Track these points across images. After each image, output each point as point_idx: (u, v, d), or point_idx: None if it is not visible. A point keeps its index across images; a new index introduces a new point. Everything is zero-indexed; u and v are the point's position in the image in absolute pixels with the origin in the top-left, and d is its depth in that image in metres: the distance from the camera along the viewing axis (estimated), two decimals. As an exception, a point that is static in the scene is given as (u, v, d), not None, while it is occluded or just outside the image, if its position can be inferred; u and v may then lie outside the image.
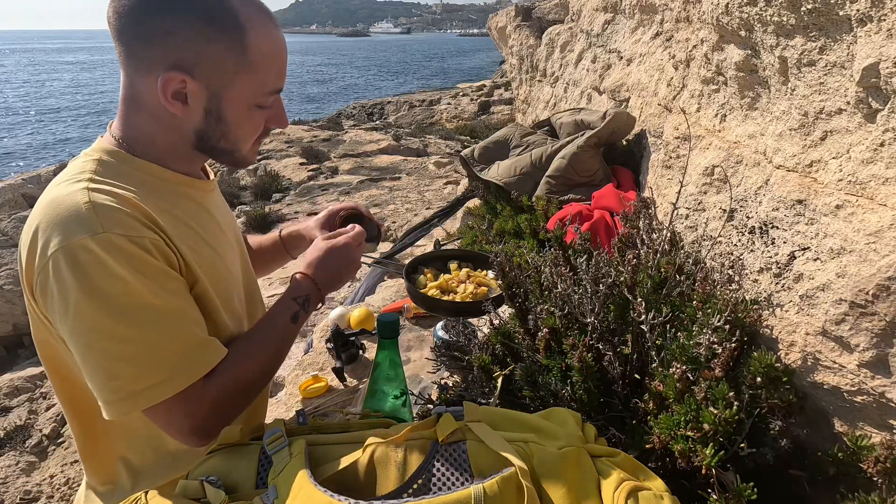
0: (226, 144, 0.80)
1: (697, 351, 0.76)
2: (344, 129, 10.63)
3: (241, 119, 0.78)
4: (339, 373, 1.39)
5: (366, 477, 0.57)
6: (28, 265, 0.70)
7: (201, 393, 0.74)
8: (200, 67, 0.72)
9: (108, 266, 0.67)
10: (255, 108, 0.78)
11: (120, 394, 0.68)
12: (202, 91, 0.73)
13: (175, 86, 0.72)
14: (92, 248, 0.66)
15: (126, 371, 0.68)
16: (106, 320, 0.67)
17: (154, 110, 0.75)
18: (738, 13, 1.01)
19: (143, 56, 0.71)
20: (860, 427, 0.76)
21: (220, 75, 0.73)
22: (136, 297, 0.68)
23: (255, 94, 0.77)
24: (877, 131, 0.72)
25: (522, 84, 5.95)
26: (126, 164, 0.76)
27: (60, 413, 3.15)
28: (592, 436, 0.65)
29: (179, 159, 0.81)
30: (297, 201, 5.91)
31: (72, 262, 0.66)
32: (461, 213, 2.97)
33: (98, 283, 0.66)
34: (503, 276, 1.00)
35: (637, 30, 2.42)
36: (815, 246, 0.81)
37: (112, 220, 0.68)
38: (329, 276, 0.92)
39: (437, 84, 28.76)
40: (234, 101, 0.76)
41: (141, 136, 0.78)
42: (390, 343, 0.94)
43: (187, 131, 0.78)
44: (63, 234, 0.66)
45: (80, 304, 0.66)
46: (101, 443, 0.83)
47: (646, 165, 1.87)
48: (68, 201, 0.69)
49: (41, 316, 0.73)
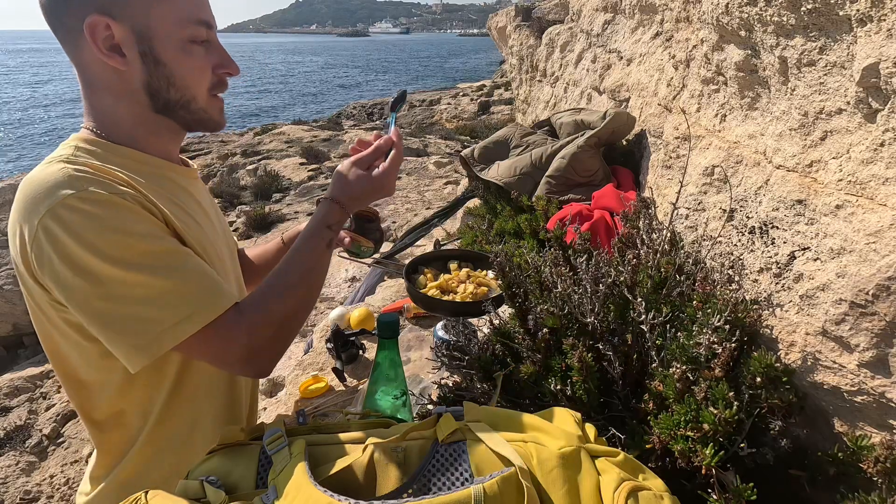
0: (176, 94, 0.79)
1: (697, 351, 0.76)
2: (344, 129, 10.63)
3: (178, 57, 0.77)
4: (339, 373, 1.39)
5: (366, 477, 0.57)
6: (21, 248, 0.70)
7: (234, 324, 0.73)
8: (116, 7, 0.71)
9: (99, 217, 0.67)
10: (189, 44, 0.77)
11: (143, 338, 0.68)
12: (129, 34, 0.73)
13: (102, 31, 0.71)
14: (75, 205, 0.66)
15: (144, 313, 0.68)
16: (109, 271, 0.67)
17: (103, 81, 0.76)
18: (738, 13, 1.01)
19: (69, 24, 0.72)
20: (860, 427, 0.76)
21: (138, 12, 0.72)
22: (132, 245, 0.68)
23: (180, 24, 0.75)
24: (877, 131, 0.72)
25: (522, 84, 5.95)
26: (104, 150, 0.77)
27: (60, 413, 3.15)
28: (592, 436, 0.65)
29: (150, 136, 0.81)
30: (297, 201, 5.91)
31: (61, 223, 0.66)
32: (461, 213, 2.97)
33: (91, 237, 0.66)
34: (503, 276, 1.00)
35: (637, 30, 2.42)
36: (815, 246, 0.81)
37: (91, 182, 0.69)
38: (356, 199, 0.88)
39: (437, 84, 28.77)
40: (162, 36, 0.75)
41: (107, 118, 0.78)
42: (390, 343, 0.94)
43: (138, 91, 0.77)
44: (45, 201, 0.66)
45: (80, 261, 0.66)
46: (109, 434, 0.84)
47: (646, 165, 1.87)
48: (43, 175, 0.69)
49: (42, 301, 0.73)
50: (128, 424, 0.82)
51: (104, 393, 0.80)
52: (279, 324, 0.79)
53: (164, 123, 0.82)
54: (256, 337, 0.75)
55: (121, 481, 0.83)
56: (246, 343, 0.74)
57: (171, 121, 0.82)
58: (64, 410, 3.18)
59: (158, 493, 0.54)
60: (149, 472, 0.83)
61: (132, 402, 0.81)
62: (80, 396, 0.82)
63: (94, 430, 0.84)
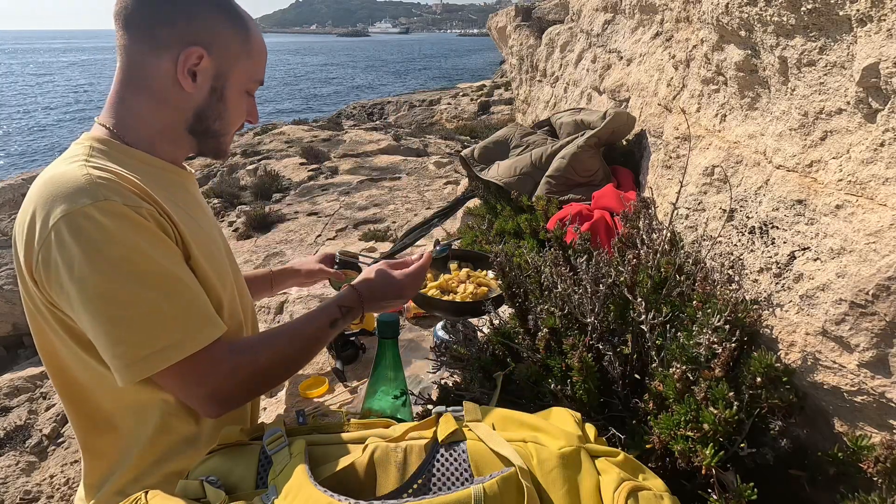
0: (219, 126, 0.90)
1: (697, 351, 0.76)
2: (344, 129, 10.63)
3: (236, 101, 0.89)
4: (339, 373, 1.39)
5: (366, 477, 0.57)
6: (27, 245, 0.71)
7: (216, 362, 0.75)
8: (215, 47, 0.83)
9: (110, 232, 0.69)
10: (244, 95, 0.91)
11: (127, 359, 0.70)
12: (212, 70, 0.84)
13: (193, 60, 0.82)
14: (93, 215, 0.68)
15: (132, 336, 0.70)
16: (110, 285, 0.69)
17: (157, 89, 0.83)
18: (738, 13, 1.01)
19: (162, 37, 0.81)
20: (860, 427, 0.76)
21: (228, 56, 0.85)
22: (138, 263, 0.70)
23: (249, 79, 0.90)
24: (877, 131, 0.72)
25: (522, 84, 5.95)
26: (116, 150, 0.80)
27: (60, 413, 3.15)
28: (592, 436, 0.65)
29: (167, 144, 0.87)
30: (297, 201, 5.90)
31: (74, 230, 0.67)
32: (461, 213, 2.96)
33: (101, 248, 0.68)
34: (503, 276, 1.00)
35: (637, 30, 2.42)
36: (815, 246, 0.81)
37: (111, 189, 0.71)
38: (375, 298, 0.98)
39: (437, 84, 28.76)
40: (235, 82, 0.88)
41: (134, 118, 0.83)
42: (390, 343, 0.94)
43: (186, 110, 0.86)
44: (65, 204, 0.68)
45: (83, 270, 0.68)
46: (101, 438, 0.83)
47: (646, 165, 1.87)
48: (67, 176, 0.71)
49: (40, 302, 0.74)
50: (122, 428, 0.82)
51: (97, 394, 0.80)
52: (261, 373, 0.82)
53: (187, 140, 0.90)
54: (235, 378, 0.78)
55: (118, 489, 0.82)
56: (223, 380, 0.76)
57: (195, 141, 0.91)
58: (64, 410, 3.18)
59: (158, 494, 0.54)
60: (146, 479, 0.82)
61: (127, 405, 0.81)
62: (72, 394, 0.82)
63: (85, 433, 0.83)
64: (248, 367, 0.79)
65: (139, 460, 0.81)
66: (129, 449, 0.82)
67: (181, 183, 0.90)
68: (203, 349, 0.74)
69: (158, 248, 0.73)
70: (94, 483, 0.84)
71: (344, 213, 4.58)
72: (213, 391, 0.76)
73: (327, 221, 4.37)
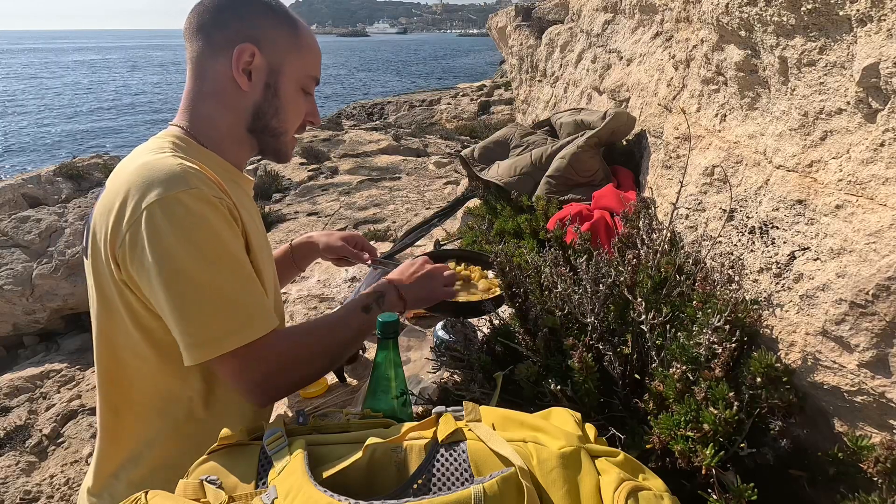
0: (277, 123, 0.93)
1: (697, 351, 0.76)
2: (344, 129, 10.62)
3: (291, 97, 0.93)
4: (339, 373, 1.39)
5: (366, 477, 0.57)
6: (115, 224, 0.74)
7: (269, 349, 0.80)
8: (265, 44, 0.88)
9: (199, 218, 0.73)
10: (300, 92, 0.94)
11: (200, 338, 0.74)
12: (265, 67, 0.89)
13: (246, 57, 0.86)
14: (185, 201, 0.73)
15: (205, 317, 0.74)
16: (193, 266, 0.73)
17: (219, 91, 0.88)
18: (738, 13, 1.01)
19: (218, 39, 0.86)
20: (860, 427, 0.76)
21: (279, 53, 0.89)
22: (219, 250, 0.75)
23: (302, 75, 0.93)
24: (877, 131, 0.72)
25: (522, 84, 5.95)
26: (192, 148, 0.86)
27: (60, 413, 3.15)
28: (592, 436, 0.65)
29: (233, 145, 0.92)
30: (297, 201, 5.90)
31: (168, 213, 0.72)
32: (461, 213, 2.96)
33: (189, 232, 0.73)
34: (503, 276, 1.00)
35: (637, 30, 2.42)
36: (815, 246, 0.81)
37: (200, 180, 0.76)
38: (410, 287, 1.03)
39: (437, 84, 28.74)
40: (288, 78, 0.91)
41: (203, 120, 0.89)
42: (390, 343, 0.94)
43: (246, 110, 0.90)
44: (160, 188, 0.73)
45: (170, 249, 0.72)
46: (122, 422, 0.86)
47: (646, 165, 1.87)
48: (161, 163, 0.76)
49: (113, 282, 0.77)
50: (144, 418, 0.84)
51: (135, 380, 0.83)
52: (305, 361, 0.86)
53: (249, 141, 0.94)
54: (281, 365, 0.82)
55: (132, 480, 0.84)
56: (273, 366, 0.80)
57: (255, 141, 0.95)
58: (64, 410, 3.18)
59: (158, 494, 0.54)
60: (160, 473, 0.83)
61: (158, 393, 0.84)
62: (112, 376, 0.84)
63: (110, 415, 0.85)
64: (289, 353, 0.83)
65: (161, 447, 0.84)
66: (150, 442, 0.84)
67: (242, 186, 0.94)
68: (261, 337, 0.78)
69: (236, 240, 0.79)
70: (105, 471, 0.86)
71: (344, 213, 4.58)
72: (265, 376, 0.80)
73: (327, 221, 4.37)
